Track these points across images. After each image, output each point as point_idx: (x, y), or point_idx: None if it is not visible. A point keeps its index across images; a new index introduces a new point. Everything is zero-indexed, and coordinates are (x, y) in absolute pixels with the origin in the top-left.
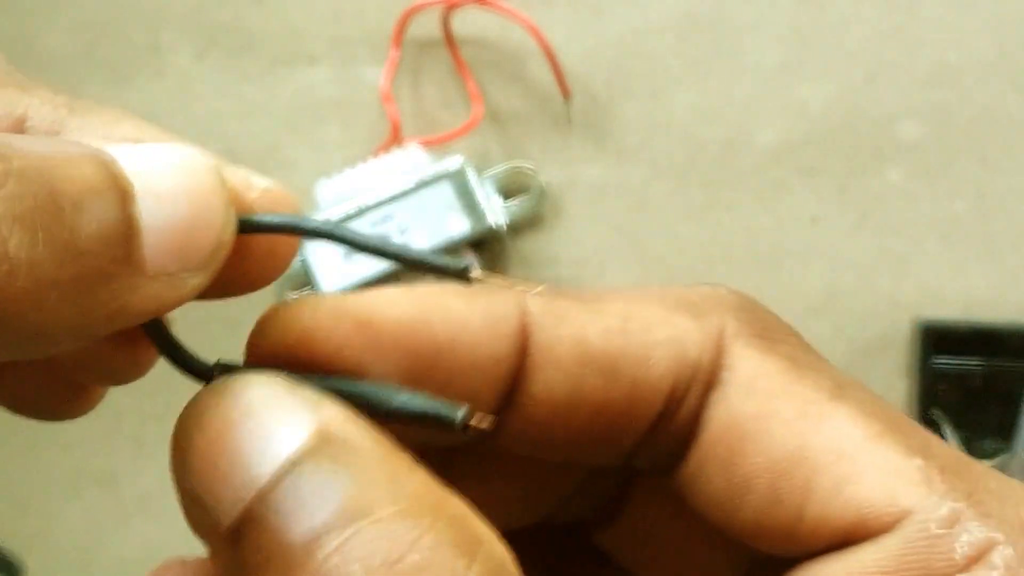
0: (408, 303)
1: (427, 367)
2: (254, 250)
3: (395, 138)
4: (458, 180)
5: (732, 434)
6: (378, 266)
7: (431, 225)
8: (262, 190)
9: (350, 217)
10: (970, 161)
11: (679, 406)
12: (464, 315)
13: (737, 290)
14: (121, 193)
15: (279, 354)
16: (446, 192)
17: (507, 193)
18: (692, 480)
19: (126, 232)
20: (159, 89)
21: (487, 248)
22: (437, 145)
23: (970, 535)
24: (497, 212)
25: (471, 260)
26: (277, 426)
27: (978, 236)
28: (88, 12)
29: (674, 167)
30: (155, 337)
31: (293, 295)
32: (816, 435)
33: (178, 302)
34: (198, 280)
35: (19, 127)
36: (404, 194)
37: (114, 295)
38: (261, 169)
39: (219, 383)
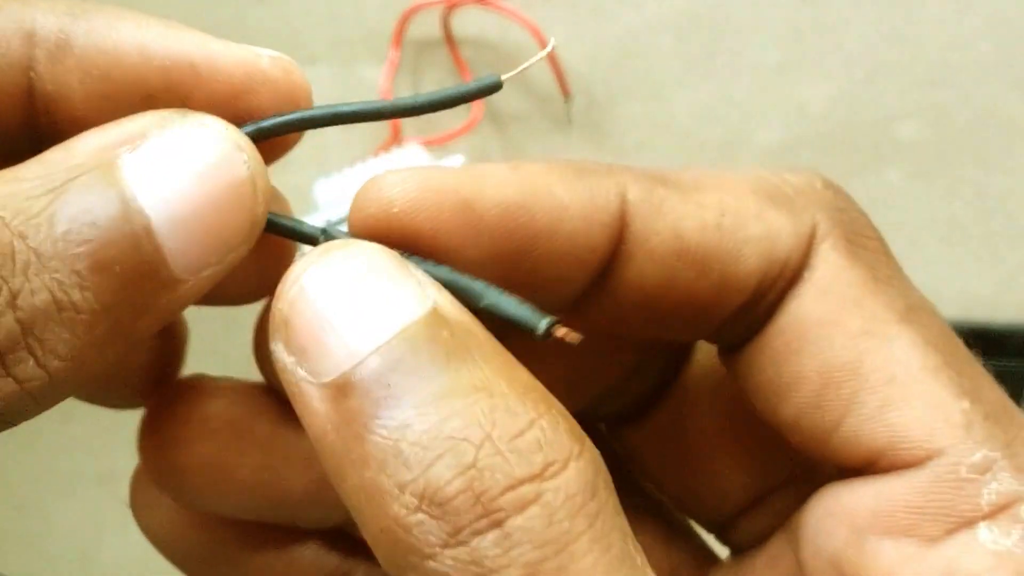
0: (512, 186)
1: (523, 253)
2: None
3: (395, 138)
4: None
5: (796, 332)
6: None
7: None
8: (270, 58)
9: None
10: (969, 161)
11: (761, 299)
12: (565, 202)
13: (831, 183)
14: (137, 236)
15: (378, 227)
16: None
17: None
18: (749, 364)
19: (151, 268)
20: None
21: None
22: (437, 145)
23: (999, 485)
24: None
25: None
26: (394, 292)
27: (976, 236)
28: None
29: (674, 167)
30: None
31: None
32: (874, 354)
33: (220, 278)
34: (241, 253)
35: (29, 40)
36: None
37: (152, 314)
38: None
39: (333, 244)
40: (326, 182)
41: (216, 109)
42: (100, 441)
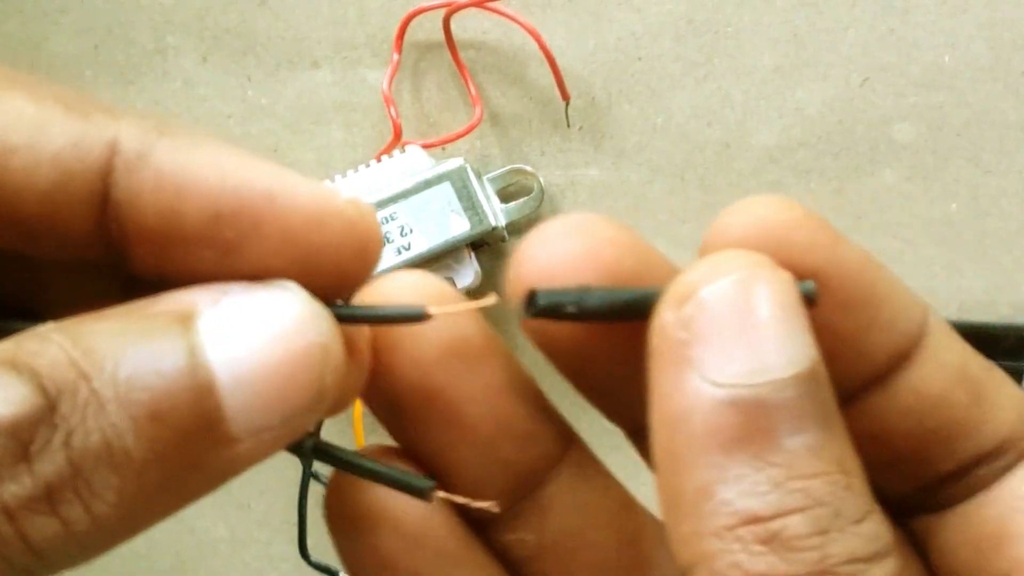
0: (864, 251)
1: (860, 306)
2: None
3: (396, 140)
4: (458, 181)
5: (1014, 512)
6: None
7: (432, 226)
8: (346, 200)
9: None
10: (965, 163)
11: (1001, 455)
12: (895, 285)
13: None
14: (200, 390)
15: (760, 233)
16: (447, 193)
17: (507, 195)
18: (959, 520)
19: (209, 424)
20: (164, 91)
21: (487, 249)
22: (438, 147)
23: None
24: (497, 213)
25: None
26: (796, 334)
27: (972, 237)
28: (94, 15)
29: (672, 169)
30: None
31: None
32: None
33: (287, 443)
34: (306, 420)
35: (110, 151)
36: (405, 195)
37: (205, 471)
38: None
39: (761, 261)
40: (329, 184)
41: (287, 238)
42: None
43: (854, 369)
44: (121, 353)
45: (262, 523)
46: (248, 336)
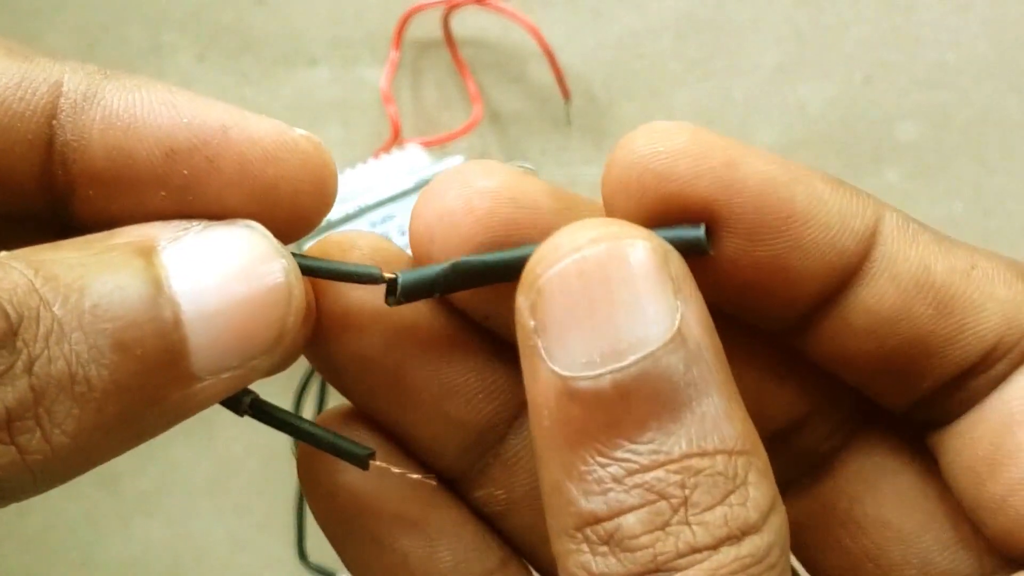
0: (779, 164)
1: (775, 231)
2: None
3: (395, 139)
4: None
5: (1019, 406)
6: None
7: None
8: (301, 134)
9: (350, 217)
10: (967, 161)
11: (991, 365)
12: (825, 196)
13: None
14: (165, 323)
15: (643, 169)
16: None
17: None
18: (955, 439)
19: (172, 358)
20: None
21: None
22: (437, 146)
23: None
24: None
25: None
26: (650, 305)
27: (975, 236)
28: (89, 13)
29: None
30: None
31: None
32: None
33: (243, 386)
34: (263, 364)
35: (55, 92)
36: (404, 194)
37: (163, 407)
38: None
39: (620, 227)
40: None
41: (243, 173)
42: None
43: (788, 298)
44: (85, 281)
45: (260, 526)
46: (213, 271)
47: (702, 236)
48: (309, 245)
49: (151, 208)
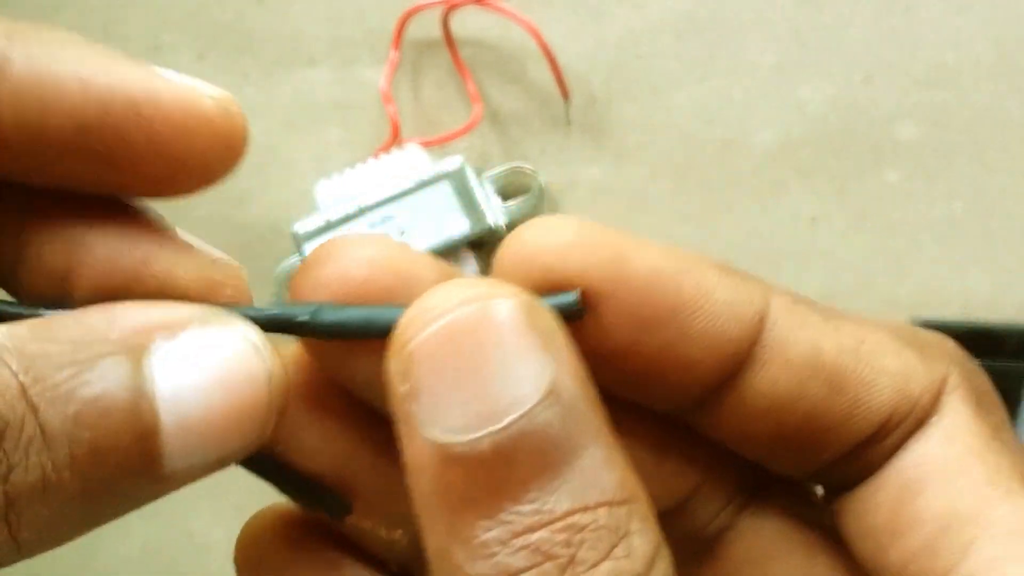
0: (666, 255)
1: (662, 322)
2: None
3: (395, 139)
4: (458, 180)
5: (918, 473)
6: None
7: (431, 225)
8: (212, 99)
9: (350, 217)
10: (968, 161)
11: (886, 436)
12: (713, 285)
13: (960, 347)
14: (144, 434)
15: (531, 263)
16: (446, 192)
17: (506, 193)
18: (862, 505)
19: (146, 462)
20: None
21: (487, 248)
22: (437, 146)
23: None
24: (497, 212)
25: (472, 264)
26: (519, 364)
27: (976, 236)
28: (88, 12)
29: (673, 167)
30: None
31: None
32: (997, 505)
33: (214, 472)
34: (237, 457)
35: None
36: (404, 194)
37: (130, 502)
38: (261, 170)
39: (493, 288)
40: (327, 183)
41: (155, 149)
42: None
43: (680, 384)
44: (72, 385)
45: None
46: (199, 377)
47: (576, 298)
48: (309, 247)
49: (70, 176)
